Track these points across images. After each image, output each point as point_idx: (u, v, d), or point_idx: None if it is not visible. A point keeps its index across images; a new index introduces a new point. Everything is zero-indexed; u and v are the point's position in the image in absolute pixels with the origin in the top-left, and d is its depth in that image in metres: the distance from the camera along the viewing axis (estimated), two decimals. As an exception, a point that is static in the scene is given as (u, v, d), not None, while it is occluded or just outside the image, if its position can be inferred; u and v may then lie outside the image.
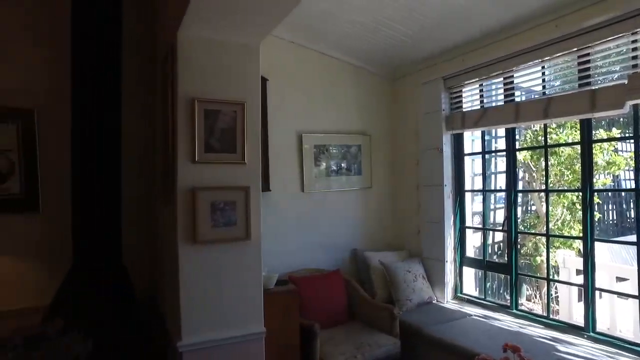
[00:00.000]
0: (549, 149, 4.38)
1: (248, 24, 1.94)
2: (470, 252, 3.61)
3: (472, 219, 3.75)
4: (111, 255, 2.59)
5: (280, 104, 3.41)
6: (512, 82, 3.09)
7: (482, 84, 3.33)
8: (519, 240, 3.50)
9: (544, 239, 4.51)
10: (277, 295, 2.55)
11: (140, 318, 2.60)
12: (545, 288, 4.17)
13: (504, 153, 3.33)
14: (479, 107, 3.35)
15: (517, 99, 3.11)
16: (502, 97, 3.22)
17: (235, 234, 2.04)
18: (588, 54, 2.54)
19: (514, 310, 3.14)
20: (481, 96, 3.37)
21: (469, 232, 3.61)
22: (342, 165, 3.76)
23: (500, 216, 5.48)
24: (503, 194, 4.31)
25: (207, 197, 1.98)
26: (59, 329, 2.23)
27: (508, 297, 3.37)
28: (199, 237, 1.97)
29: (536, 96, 3.02)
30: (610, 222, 6.86)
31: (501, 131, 4.35)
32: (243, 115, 2.06)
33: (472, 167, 3.95)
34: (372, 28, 3.17)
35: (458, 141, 3.58)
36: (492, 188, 5.36)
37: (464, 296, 3.52)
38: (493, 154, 5.62)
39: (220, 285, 2.07)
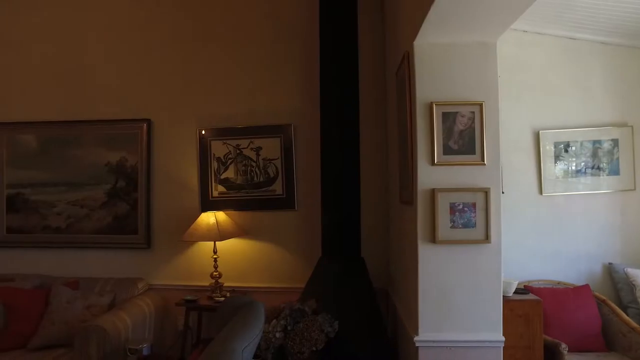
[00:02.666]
0: None
1: (487, 23, 1.87)
2: None
3: None
4: (352, 248, 2.90)
5: (512, 100, 3.18)
6: None
7: None
8: None
9: None
10: (518, 304, 2.37)
11: (376, 307, 2.83)
12: None
13: None
14: None
15: None
16: None
17: (474, 236, 2.00)
18: None
19: None
20: None
21: None
22: (591, 163, 3.22)
23: None
24: None
25: (446, 199, 2.00)
26: (313, 308, 2.64)
27: None
28: (438, 237, 2.01)
29: None
30: None
31: None
32: (481, 116, 2.01)
33: None
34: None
35: None
36: None
37: None
38: None
39: (458, 286, 2.06)
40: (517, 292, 2.51)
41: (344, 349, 2.52)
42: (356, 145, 2.94)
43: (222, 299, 3.02)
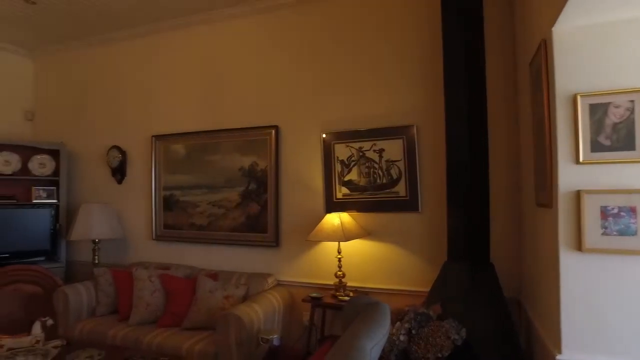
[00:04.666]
0: None
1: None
2: None
3: None
4: (480, 253, 2.74)
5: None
6: None
7: None
8: None
9: None
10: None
11: (508, 317, 2.63)
12: None
13: None
14: None
15: None
16: None
17: (635, 245, 1.72)
18: None
19: None
20: None
21: None
22: None
23: None
24: None
25: (596, 201, 1.77)
26: (438, 313, 2.55)
27: None
28: (586, 245, 1.79)
29: None
30: None
31: None
32: (643, 104, 1.73)
33: None
34: None
35: None
36: None
37: None
38: None
39: (615, 303, 1.80)
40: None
41: (472, 358, 2.39)
42: (484, 144, 2.78)
43: (346, 298, 3.11)
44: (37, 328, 2.67)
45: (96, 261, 4.21)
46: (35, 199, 4.43)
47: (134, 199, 4.41)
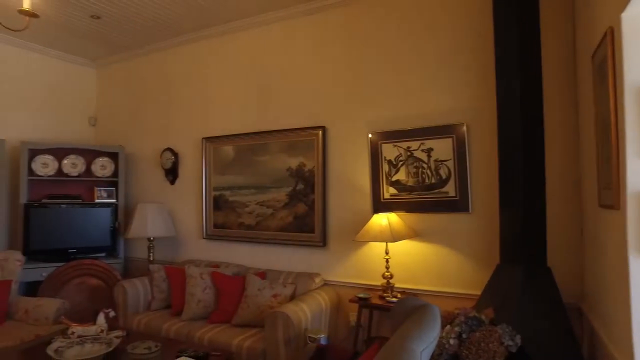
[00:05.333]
0: None
1: None
2: None
3: None
4: (536, 256, 2.61)
5: None
6: None
7: None
8: None
9: None
10: None
11: (567, 325, 2.48)
12: None
13: None
14: None
15: None
16: None
17: None
18: None
19: None
20: None
21: None
22: None
23: None
24: None
25: (671, 202, 1.63)
26: (491, 318, 2.45)
27: None
28: (660, 249, 1.65)
29: None
30: None
31: None
32: None
33: None
34: None
35: None
36: None
37: None
38: None
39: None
40: None
41: (529, 367, 2.28)
42: (540, 141, 2.64)
43: (394, 299, 3.06)
44: (101, 319, 2.85)
45: (151, 258, 4.42)
46: (97, 199, 4.74)
47: (186, 199, 4.59)
